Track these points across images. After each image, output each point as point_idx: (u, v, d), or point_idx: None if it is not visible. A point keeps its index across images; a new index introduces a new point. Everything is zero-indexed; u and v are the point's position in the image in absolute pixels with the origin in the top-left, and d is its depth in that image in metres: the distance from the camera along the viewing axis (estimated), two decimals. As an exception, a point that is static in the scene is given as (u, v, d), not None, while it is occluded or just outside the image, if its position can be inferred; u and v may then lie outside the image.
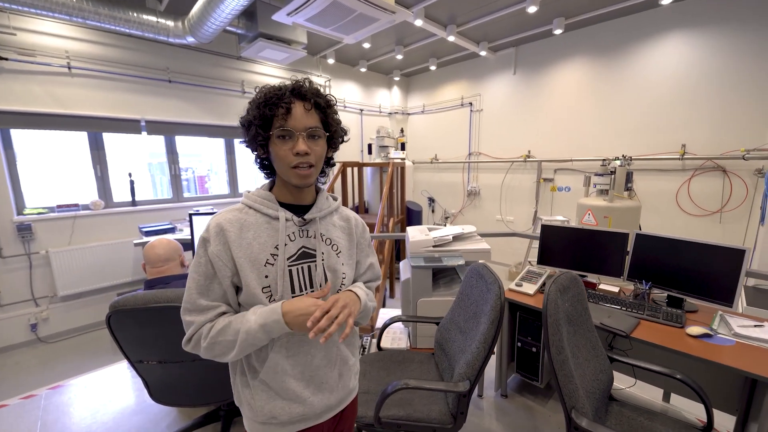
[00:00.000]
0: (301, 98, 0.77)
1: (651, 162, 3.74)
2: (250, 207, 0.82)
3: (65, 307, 3.41)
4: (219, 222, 0.78)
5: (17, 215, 3.15)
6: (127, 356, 1.44)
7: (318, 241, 0.85)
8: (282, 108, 0.75)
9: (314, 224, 0.85)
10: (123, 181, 3.77)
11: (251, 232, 0.79)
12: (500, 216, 5.25)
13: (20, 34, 2.96)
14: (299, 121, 0.76)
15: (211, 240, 0.77)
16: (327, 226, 0.89)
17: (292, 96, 0.76)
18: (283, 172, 0.80)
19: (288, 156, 0.76)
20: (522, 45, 4.66)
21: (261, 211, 0.81)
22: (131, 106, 3.61)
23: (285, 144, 0.76)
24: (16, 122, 3.05)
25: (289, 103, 0.75)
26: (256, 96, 0.79)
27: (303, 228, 0.84)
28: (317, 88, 0.82)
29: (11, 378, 2.76)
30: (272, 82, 0.80)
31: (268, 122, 0.76)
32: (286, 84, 0.78)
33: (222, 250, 0.76)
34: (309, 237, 0.84)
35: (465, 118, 5.49)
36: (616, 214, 3.12)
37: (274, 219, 0.81)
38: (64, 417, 1.90)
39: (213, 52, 4.03)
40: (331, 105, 0.83)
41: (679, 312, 1.59)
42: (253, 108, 0.77)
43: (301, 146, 0.76)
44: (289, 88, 0.77)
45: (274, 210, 0.81)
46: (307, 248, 0.83)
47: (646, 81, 3.71)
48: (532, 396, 2.01)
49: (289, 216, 0.82)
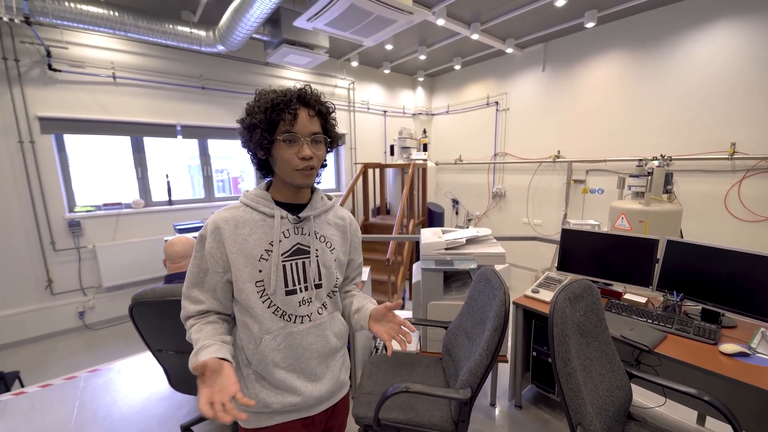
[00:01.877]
0: (305, 105, 0.81)
1: (695, 162, 3.44)
2: (247, 205, 0.85)
3: (109, 297, 3.71)
4: (215, 220, 0.82)
5: (69, 212, 3.47)
6: (149, 345, 1.54)
7: (312, 238, 0.88)
8: (289, 114, 0.78)
9: (309, 222, 0.88)
10: (161, 182, 4.04)
11: (247, 228, 0.82)
12: (527, 219, 5.06)
13: (72, 48, 3.27)
14: (304, 127, 0.80)
15: (207, 237, 0.82)
16: (321, 224, 0.92)
17: (298, 102, 0.80)
18: (287, 173, 0.83)
19: (293, 159, 0.80)
20: (551, 40, 4.47)
21: (257, 209, 0.85)
22: (168, 111, 3.87)
23: (291, 148, 0.80)
24: (68, 128, 3.37)
25: (295, 109, 0.79)
26: (260, 101, 0.81)
27: (298, 225, 0.87)
28: (318, 94, 0.85)
29: (60, 360, 3.05)
30: (296, 86, 0.84)
31: (274, 127, 0.79)
32: (291, 90, 0.82)
33: (215, 247, 0.81)
34: (304, 234, 0.87)
35: (491, 117, 5.34)
36: (653, 219, 2.89)
37: (269, 217, 0.85)
38: (99, 398, 2.06)
39: (242, 59, 4.22)
40: (331, 112, 0.88)
41: (713, 327, 1.45)
42: (260, 112, 0.79)
43: (306, 151, 0.80)
44: (295, 95, 0.81)
45: (269, 208, 0.85)
46: (301, 245, 0.87)
47: (688, 74, 3.42)
48: (548, 409, 1.91)
49: (284, 214, 0.85)
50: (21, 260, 3.24)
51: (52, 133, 3.29)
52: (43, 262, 3.34)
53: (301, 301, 0.85)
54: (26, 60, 3.08)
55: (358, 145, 5.58)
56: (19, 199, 3.18)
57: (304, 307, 0.86)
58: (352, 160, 5.53)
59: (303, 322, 0.86)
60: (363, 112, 5.57)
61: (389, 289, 3.46)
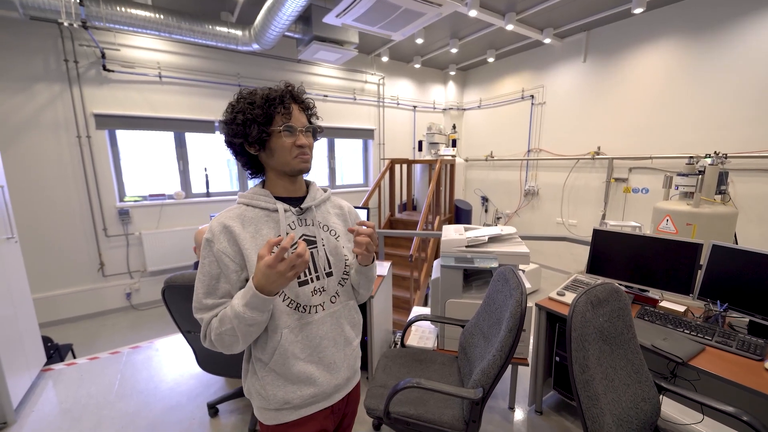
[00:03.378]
0: (295, 101, 0.87)
1: (755, 161, 3.10)
2: (248, 204, 0.86)
3: (153, 280, 4.01)
4: (221, 221, 0.82)
5: (119, 202, 3.79)
6: (179, 326, 1.65)
7: (317, 228, 0.90)
8: (285, 107, 0.83)
9: (311, 212, 0.91)
10: (201, 175, 4.30)
11: (252, 226, 0.83)
12: (561, 219, 4.81)
13: (123, 50, 3.54)
14: (298, 120, 0.86)
15: (214, 239, 0.80)
16: (323, 213, 0.94)
17: (291, 98, 0.86)
18: (287, 161, 0.85)
19: (292, 147, 0.84)
20: (595, 29, 4.19)
21: (259, 206, 0.86)
22: (207, 108, 4.09)
23: (290, 138, 0.84)
24: (119, 124, 3.66)
25: (289, 103, 0.84)
26: (249, 98, 0.82)
27: (301, 217, 0.89)
28: (302, 91, 0.91)
29: (108, 336, 3.35)
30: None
31: (270, 120, 0.82)
32: (280, 87, 0.86)
33: (227, 246, 0.80)
34: (308, 225, 0.89)
35: (525, 112, 5.12)
36: (703, 222, 2.65)
37: (273, 211, 0.86)
38: (138, 373, 2.25)
39: (275, 57, 4.35)
40: (313, 107, 0.93)
41: (761, 342, 1.31)
42: (255, 107, 0.81)
43: (303, 140, 0.85)
44: (287, 91, 0.85)
45: (271, 203, 0.86)
46: (307, 236, 0.88)
47: (749, 65, 3.07)
48: (571, 417, 1.83)
49: (287, 207, 0.87)
50: (78, 244, 3.59)
51: (105, 128, 3.60)
52: (97, 246, 3.68)
53: (313, 291, 0.86)
54: (84, 61, 3.39)
55: (387, 140, 5.58)
56: (77, 189, 3.52)
57: (317, 296, 0.87)
58: (380, 156, 5.55)
59: (318, 312, 0.87)
60: (392, 107, 5.56)
61: (411, 285, 3.45)
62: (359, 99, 5.16)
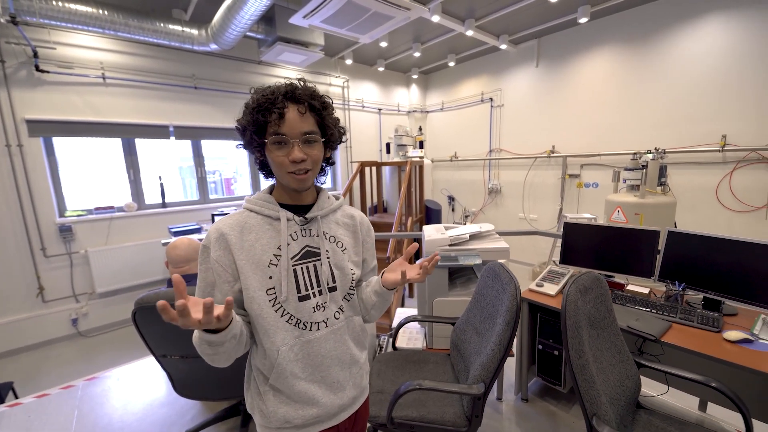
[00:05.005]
0: (294, 101, 0.75)
1: (687, 155, 3.50)
2: (251, 210, 0.81)
3: (103, 303, 3.63)
4: (219, 228, 0.77)
5: (59, 217, 3.39)
6: (152, 351, 1.51)
7: (321, 239, 0.84)
8: (275, 113, 0.72)
9: (316, 223, 0.85)
10: (154, 184, 3.97)
11: (253, 234, 0.78)
12: (523, 214, 5.09)
13: (60, 48, 3.18)
14: (294, 127, 0.74)
15: (211, 247, 0.76)
16: (329, 224, 0.88)
17: (286, 100, 0.74)
18: (281, 176, 0.79)
19: (284, 162, 0.75)
20: (545, 36, 4.50)
21: (262, 213, 0.81)
22: (160, 112, 3.79)
23: (280, 150, 0.75)
24: (57, 130, 3.28)
25: (282, 108, 0.73)
26: (250, 99, 0.77)
27: (305, 227, 0.83)
28: (312, 89, 0.79)
29: (54, 369, 2.97)
30: (288, 81, 0.77)
31: (263, 128, 0.75)
32: (280, 86, 0.76)
33: (222, 255, 0.76)
34: (312, 236, 0.83)
35: (485, 114, 5.36)
36: (649, 211, 2.94)
37: (275, 220, 0.81)
38: (98, 407, 2.02)
39: (235, 58, 4.15)
40: (327, 107, 0.81)
41: (716, 315, 1.47)
42: (247, 113, 0.75)
43: (296, 154, 0.74)
44: (282, 92, 0.75)
45: (274, 211, 0.81)
46: (310, 247, 0.83)
47: (680, 69, 3.48)
48: (554, 401, 1.93)
49: (290, 216, 0.81)
50: (11, 267, 3.15)
51: (40, 135, 3.20)
52: (34, 268, 3.26)
53: (315, 307, 0.81)
54: (12, 61, 2.99)
55: (354, 143, 5.56)
56: (8, 204, 3.09)
57: (319, 312, 0.81)
58: (348, 159, 5.51)
59: (319, 329, 0.81)
60: (358, 110, 5.55)
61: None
62: (324, 102, 5.08)
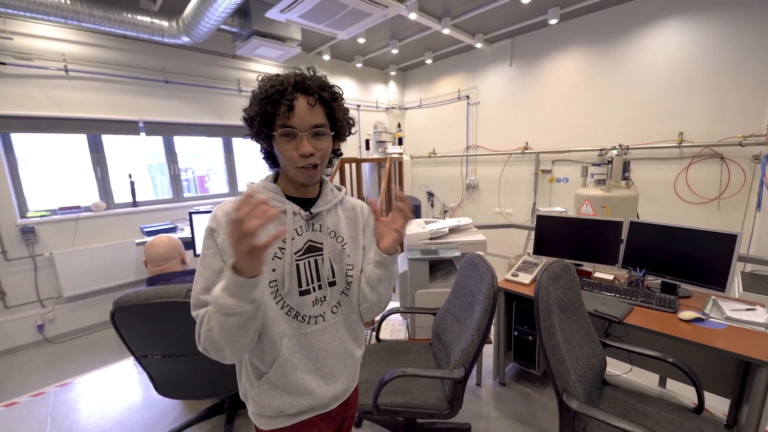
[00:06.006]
0: (304, 92, 0.72)
1: (648, 151, 3.74)
2: None
3: (71, 307, 3.46)
4: (227, 211, 0.75)
5: (20, 218, 3.19)
6: (132, 352, 1.47)
7: (324, 235, 0.84)
8: (284, 105, 0.70)
9: (321, 217, 0.84)
10: (123, 183, 3.80)
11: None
12: (499, 209, 5.26)
13: (17, 39, 2.98)
14: (303, 120, 0.72)
15: (219, 230, 0.74)
16: (333, 218, 0.87)
17: (295, 91, 0.71)
18: (289, 170, 0.78)
19: (293, 156, 0.74)
20: (518, 36, 4.64)
21: (267, 203, 0.80)
22: (129, 107, 3.63)
23: (289, 143, 0.73)
24: (15, 126, 3.08)
25: (291, 99, 0.71)
26: (258, 89, 0.74)
27: (310, 221, 0.83)
28: (322, 79, 0.76)
29: (21, 378, 2.81)
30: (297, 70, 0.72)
31: (271, 119, 0.73)
32: (289, 76, 0.73)
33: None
34: (315, 230, 0.83)
35: (462, 111, 5.48)
36: (614, 204, 3.13)
37: (281, 212, 0.80)
38: (73, 413, 1.95)
39: (208, 51, 4.03)
40: (337, 98, 0.78)
41: (672, 298, 1.61)
42: (255, 103, 0.73)
43: (306, 148, 0.73)
44: (291, 82, 0.72)
45: (281, 203, 0.80)
46: (313, 242, 0.83)
47: (642, 69, 3.70)
48: (529, 384, 2.04)
49: (297, 209, 0.81)
50: (-33, 272, 2.95)
51: (-4, 131, 3.00)
52: (-7, 273, 3.06)
53: (314, 301, 0.82)
54: (-39, 51, 2.78)
55: (333, 140, 5.53)
56: (-39, 205, 2.89)
57: (317, 306, 0.83)
58: (326, 156, 5.48)
59: (317, 323, 0.83)
60: (336, 106, 5.51)
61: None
62: (302, 98, 5.03)
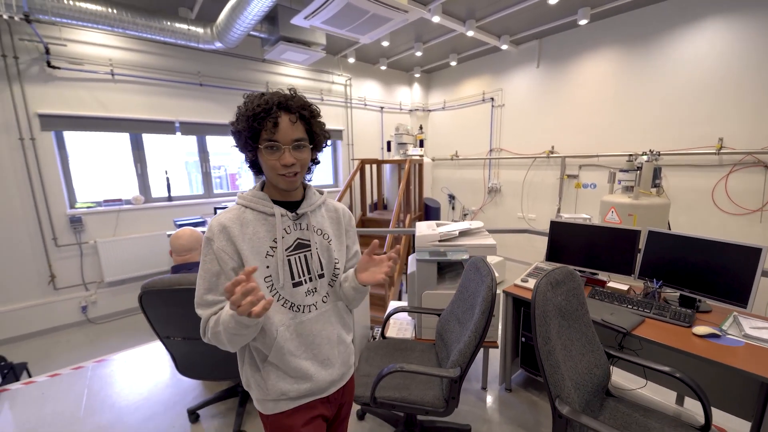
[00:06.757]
0: (287, 111, 0.83)
1: (683, 157, 3.54)
2: (246, 206, 0.89)
3: (111, 292, 3.77)
4: (221, 221, 0.86)
5: (70, 209, 3.52)
6: (157, 332, 1.62)
7: (311, 233, 0.94)
8: (269, 122, 0.80)
9: (306, 217, 0.94)
10: (160, 178, 4.09)
11: (250, 227, 0.87)
12: (522, 213, 5.15)
13: (70, 45, 3.30)
14: (286, 134, 0.82)
15: (214, 238, 0.84)
16: (317, 217, 0.98)
17: (279, 110, 0.82)
18: (272, 177, 0.88)
19: (276, 165, 0.84)
20: (546, 37, 4.53)
21: (257, 209, 0.89)
22: (166, 108, 3.91)
23: (273, 155, 0.83)
24: (67, 125, 3.41)
25: (276, 117, 0.81)
26: (244, 106, 0.83)
27: (296, 222, 0.93)
28: (302, 99, 0.87)
29: (64, 353, 3.11)
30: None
31: (257, 134, 0.82)
32: (273, 96, 0.83)
33: (227, 245, 0.84)
34: (302, 229, 0.93)
35: (486, 113, 5.41)
36: (642, 212, 2.99)
37: (270, 215, 0.90)
38: (107, 387, 2.15)
39: (239, 56, 4.25)
40: (315, 116, 0.89)
41: (689, 312, 1.54)
42: (243, 120, 0.82)
43: (287, 159, 0.83)
44: (275, 102, 0.82)
45: (269, 207, 0.90)
46: (301, 239, 0.93)
47: (678, 72, 3.50)
48: (537, 391, 2.01)
49: (284, 212, 0.91)
50: (24, 256, 3.30)
51: (51, 130, 3.33)
52: (46, 257, 3.40)
53: (307, 292, 0.92)
54: (25, 57, 3.12)
55: (355, 141, 5.64)
56: (21, 195, 3.23)
57: (310, 297, 0.92)
58: (349, 156, 5.60)
59: (311, 311, 0.92)
60: (360, 108, 5.62)
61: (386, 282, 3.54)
62: (327, 100, 5.17)
